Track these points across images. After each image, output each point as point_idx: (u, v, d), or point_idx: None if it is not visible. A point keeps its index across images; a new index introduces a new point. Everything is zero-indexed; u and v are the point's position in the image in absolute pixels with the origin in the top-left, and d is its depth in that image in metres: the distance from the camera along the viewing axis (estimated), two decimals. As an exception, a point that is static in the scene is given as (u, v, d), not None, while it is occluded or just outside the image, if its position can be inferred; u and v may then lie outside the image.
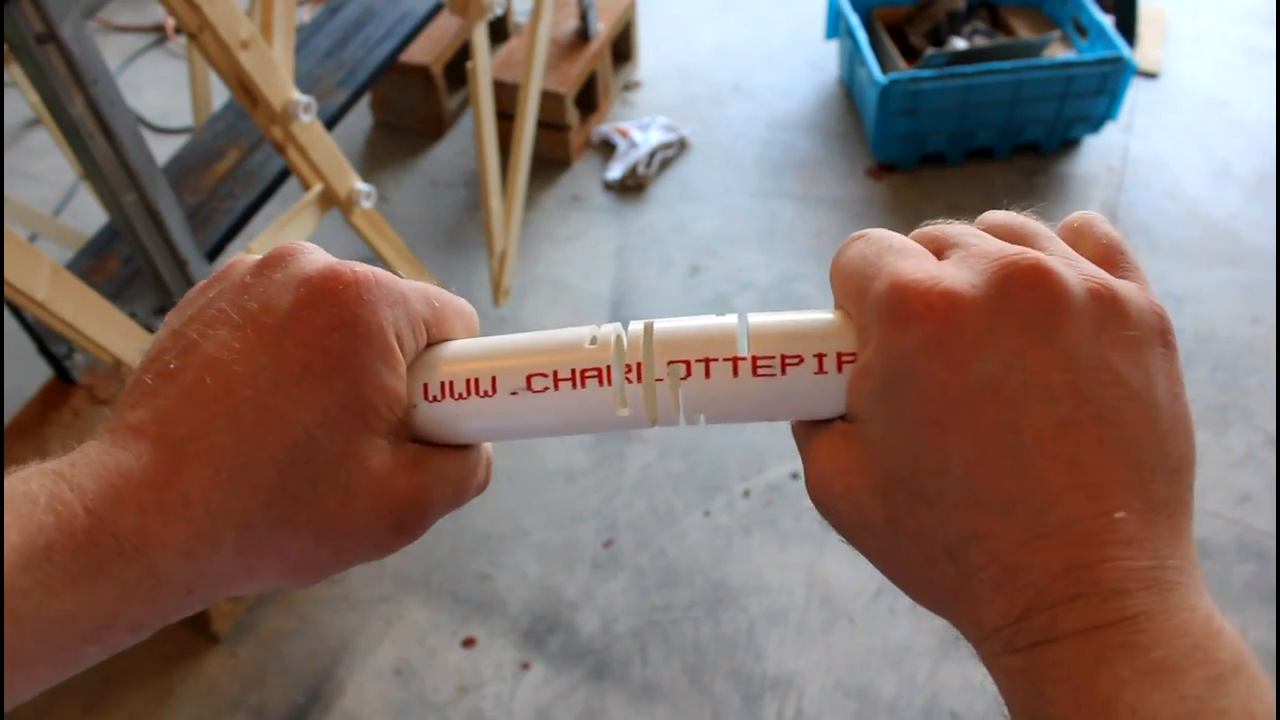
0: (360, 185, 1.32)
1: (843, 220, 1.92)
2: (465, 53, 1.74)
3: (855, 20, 1.98)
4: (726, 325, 0.29)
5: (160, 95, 2.30)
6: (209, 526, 0.26)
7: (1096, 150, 2.02)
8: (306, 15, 2.33)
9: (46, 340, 1.43)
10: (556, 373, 0.29)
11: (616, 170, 2.01)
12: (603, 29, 2.07)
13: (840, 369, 0.29)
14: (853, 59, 2.06)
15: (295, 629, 1.39)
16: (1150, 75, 2.17)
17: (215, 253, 1.37)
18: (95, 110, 0.95)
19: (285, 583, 0.29)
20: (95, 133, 0.97)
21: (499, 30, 2.16)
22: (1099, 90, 1.88)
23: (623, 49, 2.23)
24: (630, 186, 2.01)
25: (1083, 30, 2.01)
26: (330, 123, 1.45)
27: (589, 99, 2.10)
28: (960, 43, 2.03)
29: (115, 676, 1.35)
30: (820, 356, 0.29)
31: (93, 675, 1.35)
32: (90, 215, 1.81)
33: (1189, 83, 2.17)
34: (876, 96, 1.87)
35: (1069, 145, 2.03)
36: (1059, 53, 2.03)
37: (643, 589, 1.41)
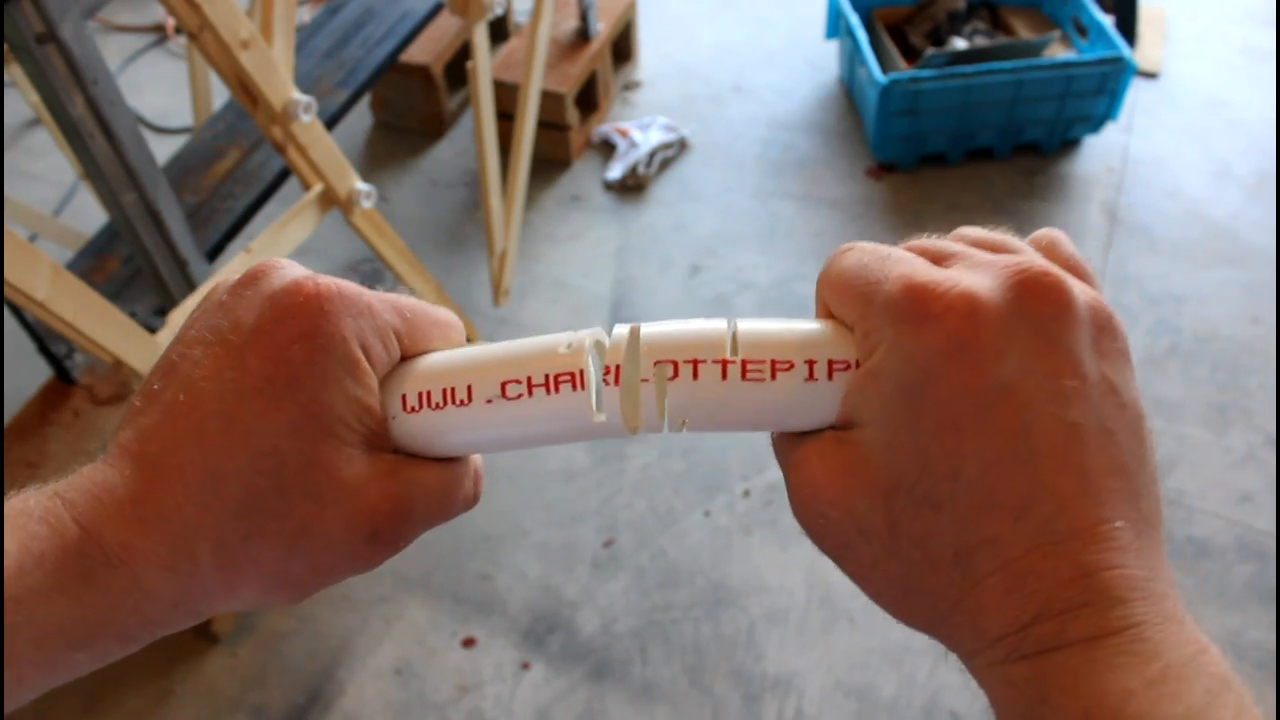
0: (360, 185, 1.32)
1: (843, 220, 1.92)
2: (465, 53, 1.74)
3: (855, 20, 1.98)
4: (715, 327, 0.29)
5: (160, 95, 2.30)
6: (185, 540, 0.27)
7: (1096, 150, 2.02)
8: (306, 15, 2.33)
9: (46, 340, 1.43)
10: (530, 379, 0.29)
11: (616, 170, 2.01)
12: (603, 29, 2.08)
13: (831, 377, 0.28)
14: (853, 59, 2.06)
15: (295, 629, 1.39)
16: (1150, 75, 2.17)
17: (215, 253, 1.37)
18: (95, 110, 0.95)
19: (268, 598, 0.29)
20: (95, 133, 0.97)
21: (499, 30, 2.16)
22: (1099, 90, 1.88)
23: (623, 49, 2.23)
24: (630, 186, 2.01)
25: (1083, 30, 2.01)
26: (330, 123, 1.45)
27: (589, 99, 2.10)
28: (960, 43, 2.03)
29: (115, 676, 1.35)
30: (811, 363, 0.28)
31: (93, 675, 1.34)
32: (90, 215, 1.81)
33: (1189, 83, 2.17)
34: (876, 96, 1.87)
35: (1069, 145, 2.03)
36: (1059, 53, 2.03)
37: (643, 589, 1.41)
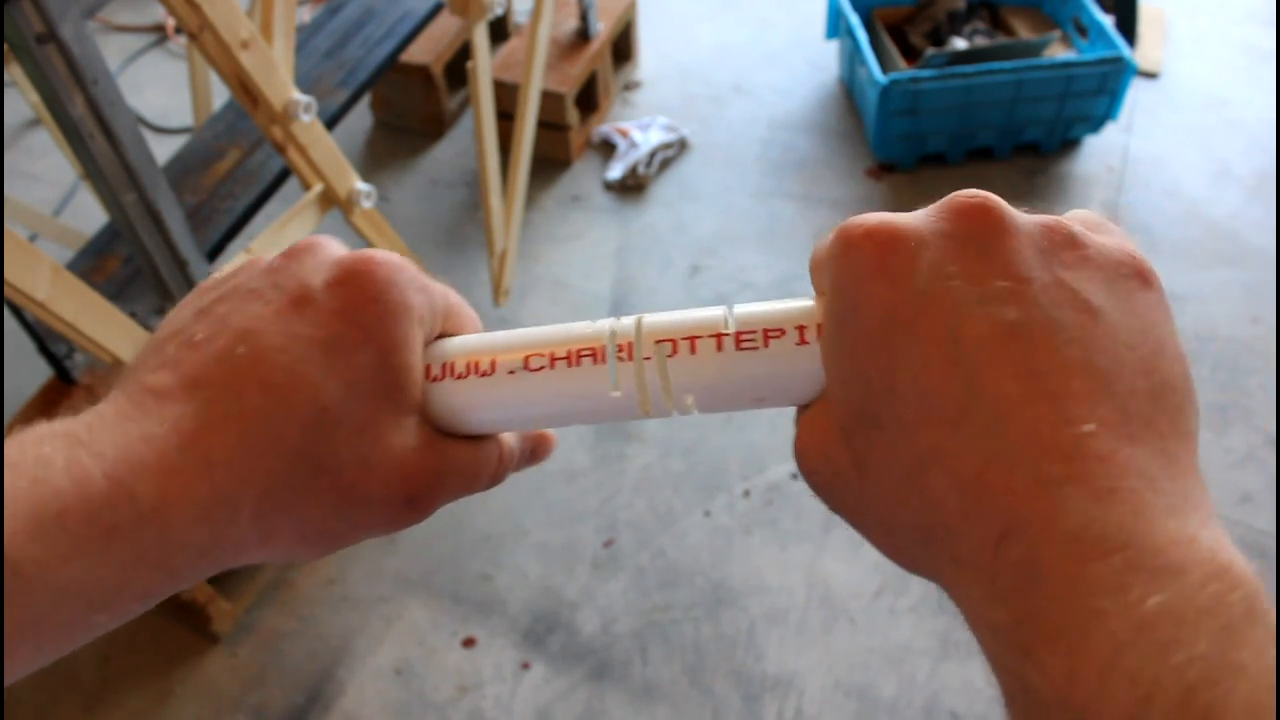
0: (360, 185, 1.32)
1: (843, 220, 1.91)
2: (465, 53, 1.74)
3: (855, 20, 1.98)
4: (713, 311, 0.30)
5: (160, 95, 2.30)
6: (230, 488, 0.26)
7: (1096, 150, 2.02)
8: (306, 15, 2.33)
9: (46, 340, 1.43)
10: (553, 353, 0.30)
11: (617, 170, 2.01)
12: (603, 29, 2.07)
13: (821, 338, 0.29)
14: (853, 59, 2.06)
15: (295, 629, 1.39)
16: (1150, 75, 2.17)
17: (215, 253, 1.37)
18: (95, 110, 0.95)
19: (297, 551, 0.29)
20: (95, 133, 0.97)
21: (499, 30, 2.16)
22: (1099, 90, 1.88)
23: (623, 49, 2.23)
24: (630, 186, 2.01)
25: (1083, 30, 2.01)
26: (330, 123, 1.45)
27: (589, 99, 2.10)
28: (960, 43, 2.03)
29: (115, 676, 1.35)
30: (801, 328, 0.29)
31: (93, 675, 1.35)
32: (90, 215, 1.81)
33: (1189, 83, 2.17)
34: (877, 96, 1.87)
35: (1069, 145, 2.03)
36: (1059, 53, 2.03)
37: (643, 589, 1.41)
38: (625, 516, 1.49)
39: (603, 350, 0.30)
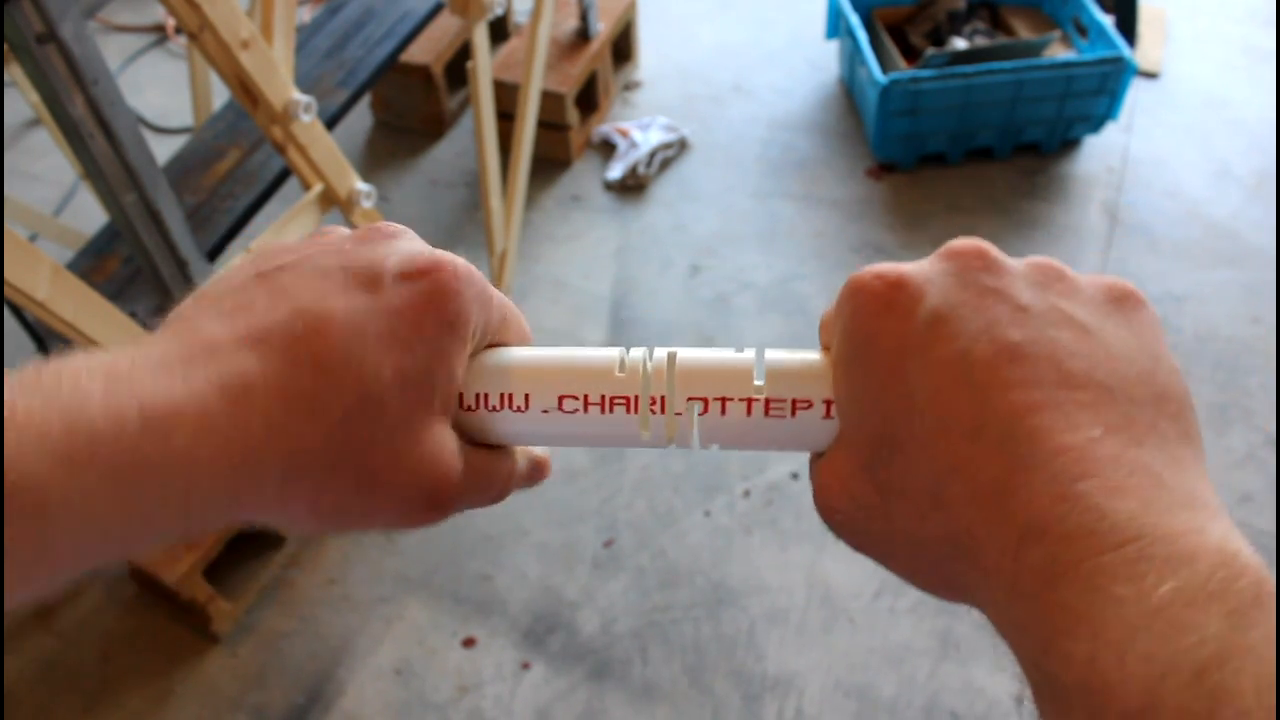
0: (360, 185, 1.32)
1: (843, 220, 1.92)
2: (465, 53, 1.74)
3: (855, 20, 1.98)
4: (743, 364, 0.31)
5: (160, 95, 2.30)
6: (262, 452, 0.27)
7: (1097, 150, 2.02)
8: (307, 15, 2.33)
9: (46, 340, 1.43)
10: (587, 396, 0.31)
11: (617, 170, 2.01)
12: (603, 29, 2.08)
13: (834, 380, 0.31)
14: (853, 59, 2.06)
15: (295, 629, 1.39)
16: (1150, 75, 2.17)
17: (215, 253, 1.37)
18: (95, 110, 0.95)
19: (309, 524, 0.30)
20: (95, 133, 0.97)
21: (499, 30, 2.16)
22: (1099, 90, 1.88)
23: (623, 49, 2.23)
24: (630, 186, 2.01)
25: (1083, 30, 2.01)
26: (330, 123, 1.45)
27: (589, 99, 2.10)
28: (960, 43, 2.03)
29: (115, 676, 1.35)
30: (829, 402, 0.31)
31: (93, 675, 1.35)
32: (90, 215, 1.81)
33: (1189, 83, 2.17)
34: (877, 96, 1.87)
35: (1069, 145, 2.03)
36: (1059, 53, 2.03)
37: (643, 589, 1.41)
38: (625, 516, 1.49)
39: (636, 400, 0.31)
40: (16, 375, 0.24)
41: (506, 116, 1.74)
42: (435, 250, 0.31)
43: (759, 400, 0.31)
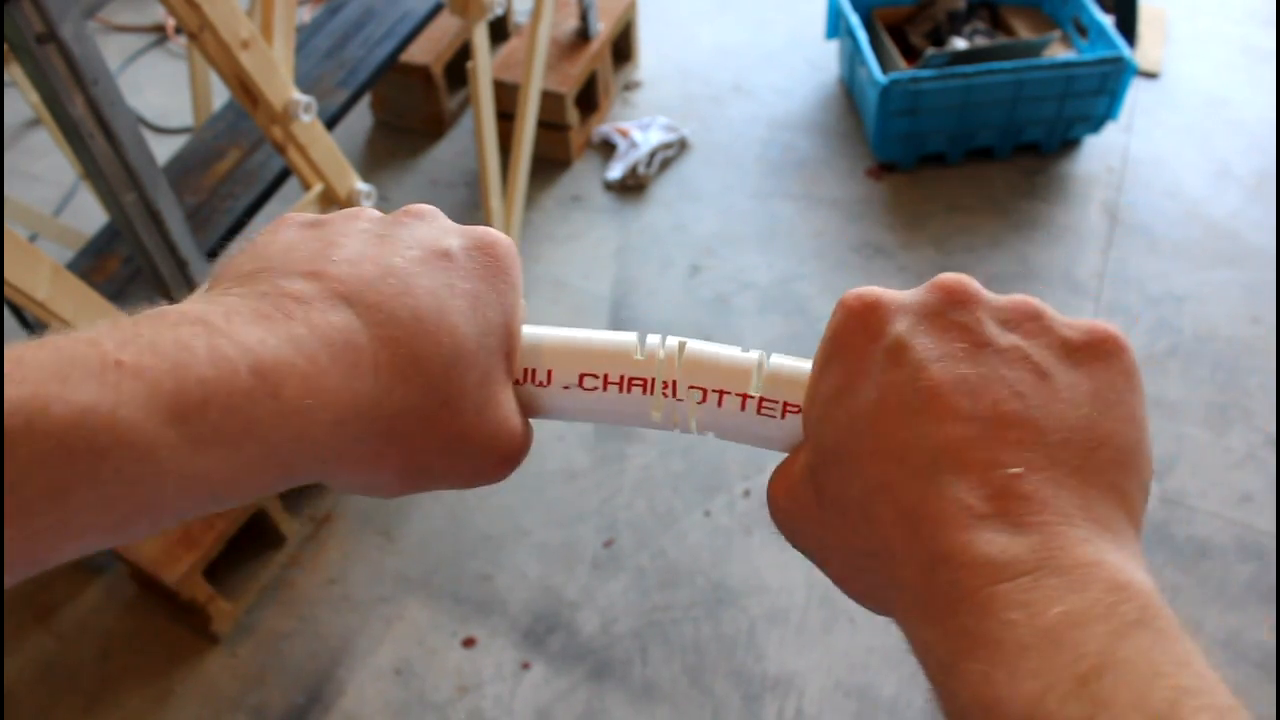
0: (360, 185, 1.32)
1: (843, 220, 1.92)
2: (465, 53, 1.74)
3: (855, 20, 1.98)
4: (745, 363, 0.33)
5: (160, 95, 2.30)
6: (369, 403, 0.27)
7: (1097, 150, 2.02)
8: (306, 15, 2.33)
9: (46, 340, 1.43)
10: (607, 376, 0.34)
11: (617, 170, 2.01)
12: (603, 29, 2.08)
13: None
14: (853, 59, 2.06)
15: (295, 629, 1.39)
16: (1150, 75, 2.17)
17: (215, 253, 1.37)
18: (95, 110, 0.95)
19: (394, 483, 0.30)
20: (95, 133, 0.97)
21: (499, 30, 2.16)
22: (1099, 90, 1.88)
23: (623, 49, 2.23)
24: (630, 186, 2.01)
25: (1083, 30, 2.01)
26: (330, 123, 1.46)
27: (589, 99, 2.10)
28: (960, 43, 2.03)
29: (115, 676, 1.35)
30: None
31: (93, 675, 1.35)
32: (90, 215, 1.81)
33: (1189, 83, 2.17)
34: (877, 96, 1.87)
35: (1069, 145, 2.03)
36: (1059, 53, 2.03)
37: (643, 589, 1.41)
38: (625, 516, 1.49)
39: (652, 383, 0.33)
40: (107, 327, 0.24)
41: (506, 116, 1.74)
42: (478, 225, 0.33)
43: (753, 398, 0.33)
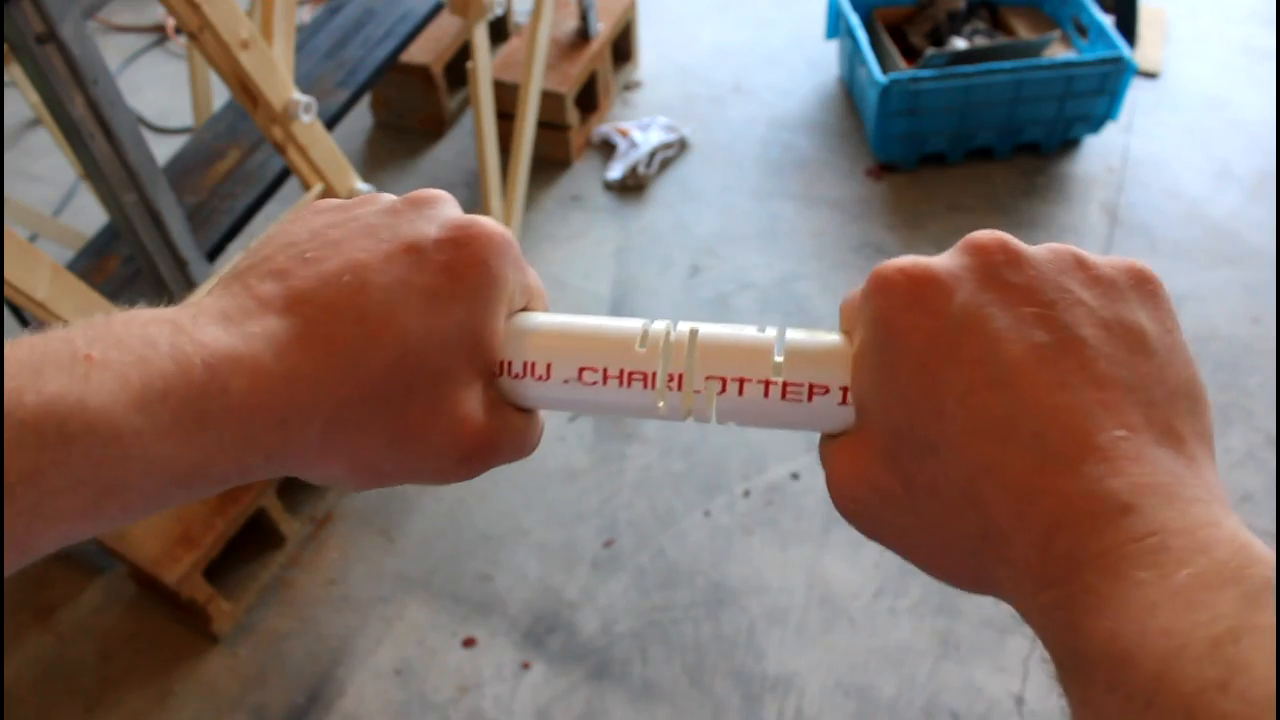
0: (360, 185, 1.32)
1: (843, 220, 1.92)
2: (465, 53, 1.74)
3: (855, 20, 1.98)
4: (763, 345, 0.32)
5: (160, 95, 2.30)
6: (308, 402, 0.28)
7: (1097, 150, 2.02)
8: (306, 15, 2.32)
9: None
10: (606, 370, 0.32)
11: (617, 170, 2.01)
12: (603, 29, 2.08)
13: (855, 370, 0.31)
14: (853, 59, 2.06)
15: (295, 629, 1.39)
16: (1150, 75, 2.17)
17: (215, 253, 1.37)
18: (95, 110, 0.95)
19: (348, 478, 0.31)
20: (95, 133, 0.97)
21: (499, 30, 2.16)
22: (1099, 90, 1.88)
23: (623, 49, 2.23)
24: (630, 186, 2.01)
25: (1083, 30, 2.01)
26: (330, 123, 1.46)
27: (589, 99, 2.10)
28: (960, 43, 2.03)
29: (115, 676, 1.35)
30: (845, 389, 0.31)
31: (93, 675, 1.35)
32: (90, 215, 1.81)
33: (1189, 83, 2.17)
34: (877, 96, 1.87)
35: (1069, 145, 2.03)
36: (1059, 53, 2.03)
37: (643, 589, 1.41)
38: (625, 516, 1.49)
39: (653, 377, 0.32)
40: (80, 325, 0.26)
41: (506, 116, 1.74)
42: (474, 215, 0.32)
43: (776, 383, 0.31)
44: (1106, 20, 1.97)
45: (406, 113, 2.13)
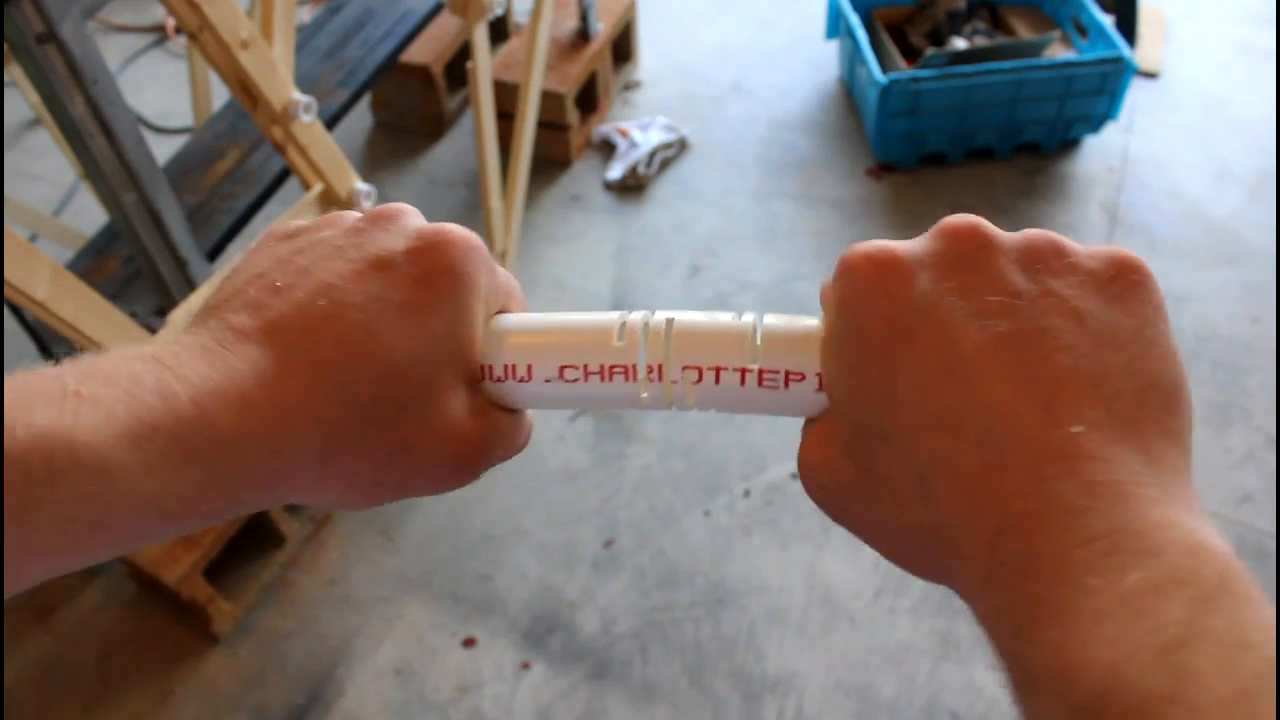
0: (360, 185, 1.32)
1: (843, 220, 1.92)
2: (465, 53, 1.74)
3: (855, 20, 1.98)
4: (740, 332, 0.31)
5: (160, 95, 2.30)
6: (299, 430, 0.28)
7: (1096, 150, 2.02)
8: (306, 15, 2.33)
9: (46, 340, 1.43)
10: (586, 366, 0.32)
11: (616, 170, 2.01)
12: (603, 29, 2.08)
13: (823, 356, 0.31)
14: (853, 59, 2.06)
15: (295, 629, 1.39)
16: (1150, 75, 2.17)
17: (215, 253, 1.37)
18: (95, 110, 0.95)
19: (347, 499, 0.31)
20: (95, 133, 0.97)
21: (499, 30, 2.16)
22: (1099, 90, 1.88)
23: (623, 49, 2.22)
24: (630, 186, 2.01)
25: (1083, 30, 2.01)
26: (330, 123, 1.46)
27: (589, 99, 2.10)
28: (960, 42, 2.03)
29: (115, 676, 1.35)
30: (820, 375, 0.31)
31: (93, 675, 1.35)
32: (90, 215, 1.81)
33: (1189, 83, 2.17)
34: (877, 96, 1.87)
35: (1069, 145, 2.03)
36: (1059, 53, 2.03)
37: (643, 589, 1.41)
38: (625, 516, 1.49)
39: (634, 369, 0.32)
40: (70, 364, 0.26)
41: (506, 116, 1.74)
42: (439, 224, 0.32)
43: (753, 371, 0.31)
44: (1106, 20, 1.97)
45: (406, 113, 2.13)
